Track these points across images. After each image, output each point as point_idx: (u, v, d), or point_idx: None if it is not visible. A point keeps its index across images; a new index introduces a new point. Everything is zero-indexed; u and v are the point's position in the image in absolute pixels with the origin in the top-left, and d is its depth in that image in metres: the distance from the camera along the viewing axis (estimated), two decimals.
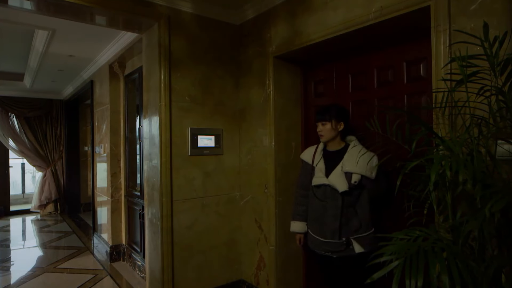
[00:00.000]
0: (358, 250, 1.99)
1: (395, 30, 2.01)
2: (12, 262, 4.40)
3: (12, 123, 6.85)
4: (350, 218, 2.02)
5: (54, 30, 3.30)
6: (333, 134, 2.09)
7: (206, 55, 2.80)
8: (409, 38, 2.08)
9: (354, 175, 1.98)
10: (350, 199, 2.02)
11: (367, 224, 2.02)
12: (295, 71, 2.77)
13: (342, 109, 2.15)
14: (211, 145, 2.80)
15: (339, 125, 2.09)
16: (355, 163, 1.98)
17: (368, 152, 1.96)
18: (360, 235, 2.00)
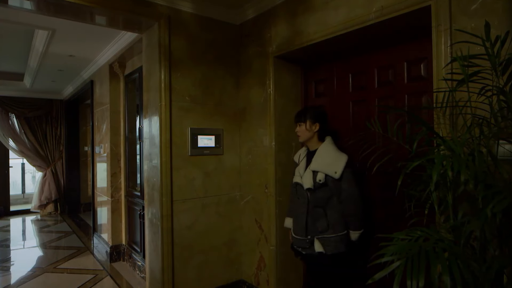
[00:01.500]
0: (317, 249, 2.05)
1: (395, 29, 2.01)
2: (12, 262, 4.40)
3: (12, 123, 6.84)
4: (318, 218, 2.07)
5: (54, 30, 3.30)
6: (308, 134, 2.17)
7: (206, 55, 2.79)
8: (410, 37, 2.07)
9: (319, 173, 2.05)
10: (317, 198, 2.08)
11: (335, 226, 2.04)
12: (295, 70, 2.77)
13: (318, 110, 2.21)
14: (211, 145, 2.79)
15: (314, 126, 2.15)
16: (320, 161, 2.07)
17: (337, 151, 2.07)
18: (325, 236, 2.04)
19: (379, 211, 2.26)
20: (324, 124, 2.19)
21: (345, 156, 2.06)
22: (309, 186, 2.08)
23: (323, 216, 2.05)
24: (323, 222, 2.05)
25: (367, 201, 2.26)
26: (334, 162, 2.04)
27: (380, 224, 2.24)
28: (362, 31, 2.06)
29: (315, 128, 2.16)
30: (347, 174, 2.03)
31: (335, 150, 2.11)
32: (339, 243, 2.03)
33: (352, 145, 2.37)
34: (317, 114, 2.18)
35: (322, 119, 2.18)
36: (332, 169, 2.03)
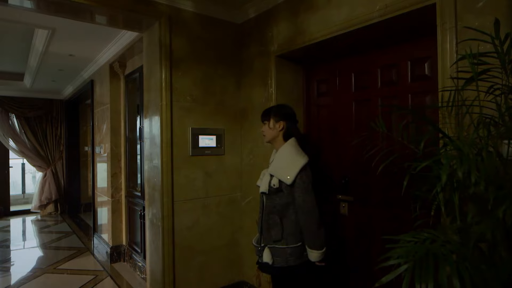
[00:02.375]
0: (264, 259, 1.93)
1: (399, 28, 1.98)
2: (12, 262, 4.38)
3: (12, 123, 6.83)
4: (273, 226, 1.93)
5: (54, 29, 3.28)
6: (272, 133, 2.01)
7: (207, 55, 2.77)
8: (414, 36, 2.05)
9: (274, 177, 1.92)
10: (273, 204, 1.94)
11: (288, 237, 1.89)
12: (297, 70, 2.74)
13: (283, 109, 2.06)
14: (213, 145, 2.77)
15: (278, 125, 1.99)
16: (276, 164, 1.94)
17: (295, 154, 1.89)
18: (276, 246, 1.91)
19: (383, 213, 2.23)
20: (291, 124, 2.01)
21: (302, 160, 1.87)
22: (264, 190, 1.96)
23: (278, 225, 1.90)
24: (277, 231, 1.90)
25: (373, 203, 2.23)
26: (289, 166, 1.87)
27: (385, 226, 2.21)
28: (365, 30, 2.03)
29: (279, 127, 1.99)
30: (300, 180, 1.84)
31: (293, 152, 1.92)
32: (289, 256, 1.87)
33: (354, 146, 2.35)
34: (281, 112, 2.02)
35: (288, 118, 2.01)
36: (285, 174, 1.86)
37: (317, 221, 1.85)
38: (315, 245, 1.85)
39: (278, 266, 1.90)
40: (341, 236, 2.48)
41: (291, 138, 2.00)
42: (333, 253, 1.93)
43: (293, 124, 2.03)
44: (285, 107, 2.09)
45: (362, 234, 2.35)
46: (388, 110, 2.12)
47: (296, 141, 2.00)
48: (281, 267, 1.90)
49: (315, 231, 1.84)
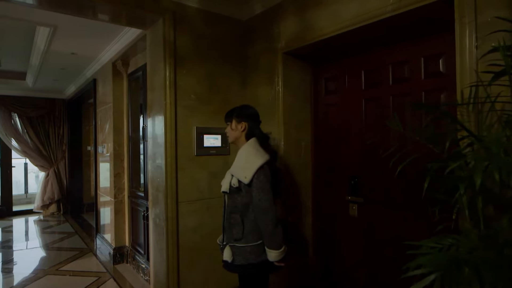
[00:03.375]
0: (224, 257, 1.96)
1: (413, 23, 1.91)
2: (15, 262, 4.34)
3: (14, 123, 6.79)
4: (234, 225, 1.93)
5: (56, 27, 3.22)
6: (235, 134, 2.03)
7: (212, 52, 2.70)
8: (428, 31, 1.97)
9: (234, 177, 1.93)
10: (234, 203, 1.94)
11: (248, 236, 1.89)
12: (304, 67, 2.67)
13: (245, 109, 2.07)
14: (218, 145, 2.70)
15: (240, 126, 2.00)
16: (235, 164, 1.96)
17: (254, 154, 1.90)
18: (236, 245, 1.92)
19: (396, 215, 2.16)
20: (253, 124, 2.02)
21: (260, 160, 1.86)
22: (224, 189, 1.98)
23: (239, 224, 1.91)
24: (238, 230, 1.91)
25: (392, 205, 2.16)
26: (246, 166, 1.88)
27: (399, 229, 2.14)
28: (377, 25, 1.96)
29: (241, 128, 2.00)
30: (257, 180, 1.83)
31: (251, 152, 1.92)
32: (248, 255, 1.88)
33: (364, 145, 2.28)
34: (243, 113, 2.03)
35: (250, 119, 2.02)
36: (242, 174, 1.87)
37: (273, 221, 1.83)
38: (272, 245, 1.85)
39: (239, 264, 1.92)
40: (350, 239, 2.41)
41: (252, 138, 2.00)
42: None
43: (255, 124, 2.04)
44: (248, 108, 2.10)
45: (373, 237, 2.28)
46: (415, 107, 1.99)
47: (256, 141, 2.00)
48: (241, 265, 1.91)
49: (271, 231, 1.83)
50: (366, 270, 2.32)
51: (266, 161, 1.88)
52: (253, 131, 2.02)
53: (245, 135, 2.00)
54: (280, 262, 1.89)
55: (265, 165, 1.87)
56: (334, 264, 2.56)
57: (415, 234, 1.98)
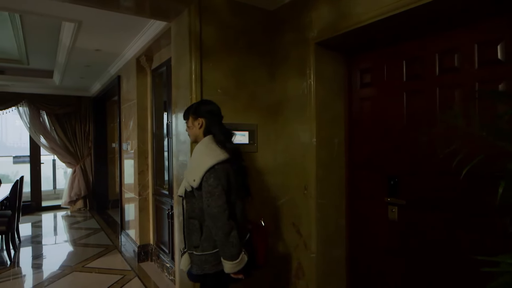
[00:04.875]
0: (181, 265, 1.87)
1: (465, 5, 1.69)
2: (44, 256, 4.42)
3: (43, 120, 6.95)
4: (193, 231, 1.81)
5: (81, 22, 3.18)
6: (193, 132, 1.91)
7: (239, 44, 2.57)
8: (482, 15, 1.75)
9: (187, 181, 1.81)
10: (192, 208, 1.82)
11: (204, 243, 1.76)
12: (337, 59, 2.48)
13: (202, 105, 1.92)
14: (245, 142, 2.57)
15: (197, 123, 1.87)
16: (188, 166, 1.83)
17: (205, 154, 1.76)
18: (194, 253, 1.80)
19: (455, 224, 1.95)
20: (211, 121, 1.87)
21: (211, 160, 1.71)
22: (180, 193, 1.88)
23: (197, 230, 1.79)
24: (196, 236, 1.79)
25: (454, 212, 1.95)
26: (195, 168, 1.74)
27: (452, 237, 1.93)
28: (423, 9, 1.75)
29: (198, 125, 1.87)
30: (206, 183, 1.69)
31: (203, 152, 1.78)
32: (203, 263, 1.76)
33: (407, 142, 2.08)
34: (200, 108, 1.89)
35: (208, 114, 1.87)
36: (191, 176, 1.74)
37: (223, 228, 1.67)
38: (225, 255, 1.70)
39: (195, 274, 1.81)
40: (389, 245, 2.22)
41: (207, 136, 1.86)
42: None
43: (214, 121, 1.88)
44: (205, 103, 1.96)
45: (417, 245, 2.08)
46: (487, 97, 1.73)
47: (211, 138, 1.84)
48: (197, 274, 1.81)
49: (222, 240, 1.68)
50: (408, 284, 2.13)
51: (219, 161, 1.72)
52: (211, 128, 1.86)
53: (203, 132, 1.87)
54: (237, 274, 1.73)
55: (217, 165, 1.71)
56: (369, 269, 2.38)
57: (476, 246, 1.78)
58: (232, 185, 1.78)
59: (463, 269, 1.83)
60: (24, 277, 3.75)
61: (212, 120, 1.88)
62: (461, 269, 1.84)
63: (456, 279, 1.87)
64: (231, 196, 1.77)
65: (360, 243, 2.45)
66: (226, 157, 1.76)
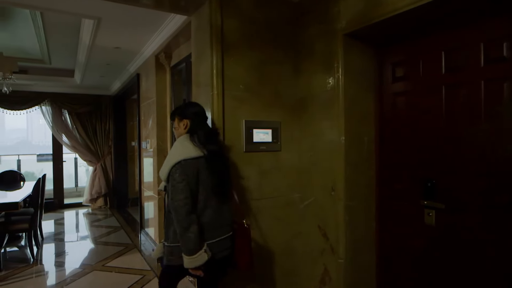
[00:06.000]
0: (153, 254, 2.01)
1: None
2: (67, 253, 4.45)
3: (65, 119, 7.04)
4: (169, 224, 1.89)
5: (100, 19, 3.14)
6: (180, 132, 1.97)
7: (262, 38, 2.44)
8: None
9: None
10: (168, 202, 1.88)
11: (172, 236, 1.85)
12: (367, 51, 2.33)
13: (188, 107, 2.01)
14: (268, 140, 2.45)
15: (182, 124, 1.96)
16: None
17: (178, 150, 1.82)
18: (165, 244, 1.91)
19: (498, 228, 1.77)
20: (196, 122, 1.94)
21: (181, 155, 1.77)
22: (161, 187, 1.99)
23: (172, 223, 1.85)
24: (172, 229, 1.86)
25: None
26: (165, 163, 1.83)
27: (502, 246, 1.75)
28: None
29: (183, 126, 1.95)
30: (171, 177, 1.76)
31: (177, 148, 1.85)
32: (169, 255, 1.85)
33: (445, 141, 1.90)
34: (185, 110, 1.98)
35: (193, 116, 1.95)
36: (162, 172, 1.83)
37: (182, 223, 1.74)
38: (183, 249, 1.76)
39: (165, 264, 1.91)
40: (426, 252, 2.05)
41: (184, 136, 1.92)
42: None
43: (198, 122, 1.96)
44: (191, 105, 2.04)
45: (459, 254, 1.90)
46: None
47: (187, 137, 1.91)
48: (166, 265, 1.91)
49: (181, 233, 1.75)
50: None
51: (188, 157, 1.77)
52: (195, 129, 1.93)
53: (187, 133, 1.94)
54: (195, 271, 1.76)
55: (184, 161, 1.77)
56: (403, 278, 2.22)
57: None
58: (203, 182, 1.81)
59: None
60: (46, 275, 3.76)
61: (197, 122, 1.95)
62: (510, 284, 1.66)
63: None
64: (201, 193, 1.81)
65: (392, 249, 2.29)
66: (199, 154, 1.81)
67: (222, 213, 1.89)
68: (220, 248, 1.86)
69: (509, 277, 1.68)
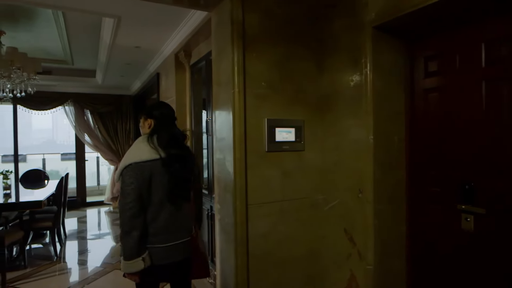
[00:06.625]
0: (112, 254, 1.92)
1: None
2: (89, 250, 4.51)
3: (87, 119, 7.17)
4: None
5: (120, 17, 3.13)
6: (144, 132, 1.95)
7: (284, 33, 2.34)
8: None
9: None
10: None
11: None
12: (397, 45, 2.18)
13: (154, 107, 1.99)
14: (291, 140, 2.35)
15: (146, 123, 1.94)
16: None
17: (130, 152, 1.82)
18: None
19: None
20: (160, 123, 1.91)
21: (132, 158, 1.76)
22: None
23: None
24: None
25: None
26: (119, 166, 1.80)
27: None
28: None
29: (147, 125, 1.94)
30: (121, 180, 1.75)
31: (131, 150, 1.84)
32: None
33: (488, 141, 1.75)
34: (151, 110, 1.95)
35: (158, 117, 1.92)
36: (116, 174, 1.81)
37: (123, 227, 1.73)
38: (122, 251, 1.74)
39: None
40: (464, 261, 1.90)
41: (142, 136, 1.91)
42: None
43: (163, 123, 1.92)
44: (158, 106, 2.01)
45: (501, 262, 1.74)
46: None
47: (145, 138, 1.87)
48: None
49: (121, 236, 1.74)
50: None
51: (139, 160, 1.74)
52: (158, 130, 1.89)
53: (150, 133, 1.90)
54: (131, 276, 1.75)
55: (135, 164, 1.74)
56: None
57: None
58: (157, 186, 1.77)
59: None
60: (68, 273, 3.81)
61: (161, 123, 1.92)
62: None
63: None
64: (154, 196, 1.77)
65: (424, 255, 2.15)
66: (153, 157, 1.77)
67: (179, 218, 1.87)
68: (170, 254, 1.83)
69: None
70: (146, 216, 1.77)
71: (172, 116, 1.99)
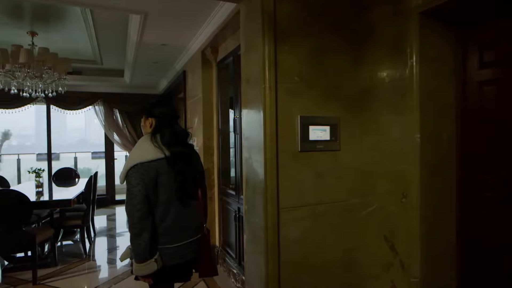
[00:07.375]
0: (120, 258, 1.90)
1: None
2: (118, 247, 4.56)
3: (116, 118, 7.29)
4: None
5: (147, 14, 3.07)
6: (146, 131, 1.91)
7: (317, 24, 2.17)
8: None
9: None
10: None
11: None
12: (447, 33, 1.96)
13: (155, 106, 1.92)
14: (326, 138, 2.18)
15: (148, 122, 1.90)
16: None
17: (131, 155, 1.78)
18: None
19: None
20: (161, 122, 1.86)
21: (136, 159, 1.71)
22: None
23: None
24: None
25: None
26: (124, 167, 1.76)
27: None
28: None
29: (149, 124, 1.89)
30: (127, 182, 1.71)
31: (135, 150, 1.79)
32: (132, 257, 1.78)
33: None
34: (152, 109, 1.89)
35: (159, 115, 1.87)
36: (121, 176, 1.77)
37: (133, 229, 1.69)
38: (133, 255, 1.71)
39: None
40: None
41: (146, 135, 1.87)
42: None
43: (164, 122, 1.87)
44: (159, 104, 1.94)
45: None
46: None
47: (149, 137, 1.82)
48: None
49: (132, 239, 1.70)
50: None
51: (145, 160, 1.70)
52: (160, 129, 1.84)
53: (152, 132, 1.86)
54: (145, 278, 1.71)
55: (140, 164, 1.69)
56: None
57: None
58: (164, 185, 1.73)
59: None
60: (98, 272, 3.83)
61: (162, 121, 1.87)
62: None
63: None
64: (161, 196, 1.74)
65: (477, 268, 1.91)
66: (158, 156, 1.73)
67: (187, 216, 1.83)
68: (182, 254, 1.80)
69: None
70: (154, 216, 1.74)
71: (174, 114, 1.94)
